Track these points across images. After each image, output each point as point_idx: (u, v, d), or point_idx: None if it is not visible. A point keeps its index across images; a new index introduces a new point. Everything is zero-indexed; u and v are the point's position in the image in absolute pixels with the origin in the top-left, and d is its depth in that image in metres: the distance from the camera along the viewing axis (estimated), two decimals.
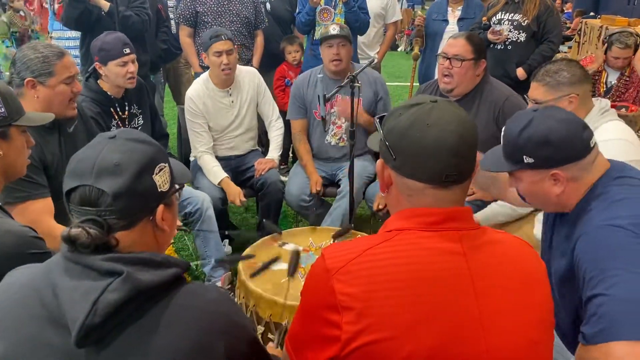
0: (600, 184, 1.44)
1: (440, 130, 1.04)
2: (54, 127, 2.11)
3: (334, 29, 3.13)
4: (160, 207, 1.04)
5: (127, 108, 2.86)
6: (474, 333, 1.00)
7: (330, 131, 3.31)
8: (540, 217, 2.38)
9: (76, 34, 5.13)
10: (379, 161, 1.14)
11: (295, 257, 1.95)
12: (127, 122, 2.86)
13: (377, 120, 1.16)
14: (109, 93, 2.77)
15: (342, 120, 3.25)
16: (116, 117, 2.81)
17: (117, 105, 2.81)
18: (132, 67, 2.74)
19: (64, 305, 0.93)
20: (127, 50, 2.71)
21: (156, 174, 1.02)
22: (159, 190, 1.03)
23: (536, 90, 2.09)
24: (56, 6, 5.32)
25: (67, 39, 5.28)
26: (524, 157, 1.44)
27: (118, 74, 2.70)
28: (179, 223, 2.42)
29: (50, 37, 5.80)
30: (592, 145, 1.43)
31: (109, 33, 2.80)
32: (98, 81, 2.77)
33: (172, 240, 3.02)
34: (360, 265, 1.01)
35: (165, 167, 1.05)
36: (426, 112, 1.06)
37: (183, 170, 1.18)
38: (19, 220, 1.88)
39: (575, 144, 1.41)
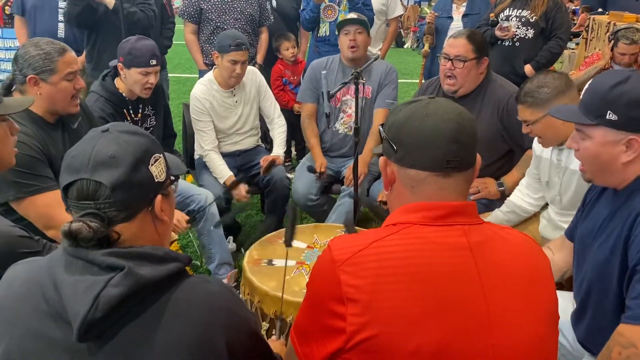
0: None
1: (438, 119, 1.07)
2: (58, 123, 2.11)
3: (351, 15, 3.16)
4: (159, 198, 1.04)
5: (140, 110, 2.84)
6: (482, 328, 0.99)
7: (340, 119, 3.29)
8: (545, 214, 2.36)
9: (13, 43, 4.72)
10: (382, 159, 1.16)
11: (294, 213, 1.77)
12: (139, 123, 2.83)
13: (380, 126, 1.19)
14: (124, 94, 2.75)
15: (353, 109, 3.21)
16: (129, 118, 2.79)
17: (130, 107, 2.79)
18: (153, 79, 2.69)
19: (65, 300, 0.93)
20: (154, 62, 2.67)
21: (152, 165, 1.02)
22: (156, 180, 1.03)
23: (523, 113, 2.09)
24: None
25: (7, 50, 4.75)
26: (608, 112, 1.38)
27: (137, 81, 2.68)
28: (186, 217, 2.42)
29: None
30: None
31: (141, 38, 2.73)
32: (115, 80, 2.74)
33: (177, 237, 3.02)
34: (367, 257, 1.01)
35: (160, 157, 1.05)
36: (424, 105, 1.11)
37: (177, 163, 1.18)
38: (32, 213, 1.90)
39: None
